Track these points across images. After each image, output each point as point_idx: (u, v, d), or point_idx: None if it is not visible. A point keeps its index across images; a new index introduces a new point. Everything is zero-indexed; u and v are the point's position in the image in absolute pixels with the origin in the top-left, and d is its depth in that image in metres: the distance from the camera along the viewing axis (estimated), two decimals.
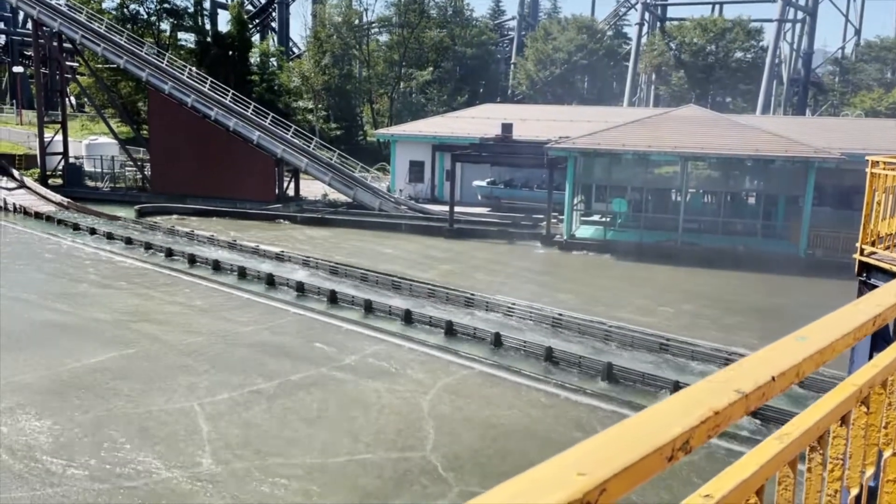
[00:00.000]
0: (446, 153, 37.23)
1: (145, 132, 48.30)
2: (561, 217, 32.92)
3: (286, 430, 12.94)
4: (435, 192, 42.06)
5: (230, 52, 60.75)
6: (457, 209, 34.44)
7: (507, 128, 35.93)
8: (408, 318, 19.58)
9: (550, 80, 68.97)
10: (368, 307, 20.63)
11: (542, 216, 34.05)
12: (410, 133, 43.03)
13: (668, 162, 31.88)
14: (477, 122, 42.35)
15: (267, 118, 42.84)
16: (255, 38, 71.51)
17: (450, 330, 18.68)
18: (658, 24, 72.96)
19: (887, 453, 1.82)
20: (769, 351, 1.14)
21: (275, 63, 65.29)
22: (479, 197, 39.87)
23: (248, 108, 43.18)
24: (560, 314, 19.83)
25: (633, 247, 30.64)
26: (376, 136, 51.87)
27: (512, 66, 75.09)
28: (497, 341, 17.72)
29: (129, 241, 29.87)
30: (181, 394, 14.48)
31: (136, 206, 38.43)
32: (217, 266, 25.55)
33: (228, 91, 43.84)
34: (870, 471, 1.66)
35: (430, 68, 65.19)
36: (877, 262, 9.46)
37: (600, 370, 15.94)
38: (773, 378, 1.03)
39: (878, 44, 72.96)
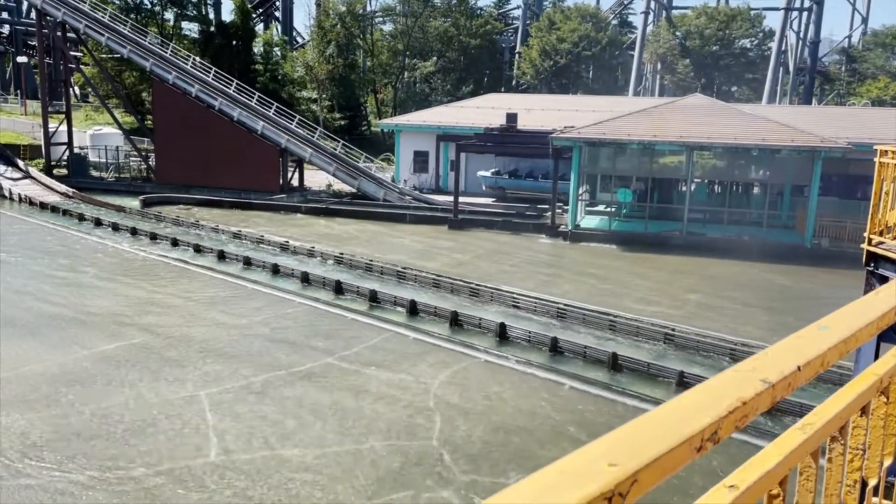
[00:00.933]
0: (451, 143, 37.15)
1: (149, 122, 48.29)
2: (566, 207, 32.86)
3: (292, 420, 12.98)
4: (439, 182, 42.01)
5: (234, 42, 60.65)
6: (461, 199, 34.40)
7: (511, 118, 35.82)
8: (413, 308, 19.59)
9: (555, 69, 68.68)
10: (374, 297, 20.65)
11: (546, 206, 34.00)
12: (415, 123, 42.95)
13: (674, 151, 31.77)
14: (482, 112, 42.23)
15: (271, 108, 42.78)
16: (259, 27, 71.36)
17: (455, 320, 18.69)
18: (663, 12, 72.54)
19: None
20: (793, 340, 1.13)
21: (278, 53, 65.14)
22: (484, 187, 39.81)
23: (252, 97, 43.11)
24: (565, 305, 19.82)
25: (638, 237, 30.61)
26: (380, 127, 51.80)
27: (517, 55, 74.78)
28: (502, 332, 17.73)
29: (134, 231, 29.92)
30: (187, 384, 14.54)
31: (141, 197, 38.47)
32: (222, 255, 25.61)
33: (232, 81, 43.78)
34: (888, 461, 1.65)
35: (435, 58, 65.00)
36: (885, 252, 9.42)
37: (605, 360, 15.95)
38: (799, 368, 1.02)
39: (884, 32, 72.39)
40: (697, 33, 67.52)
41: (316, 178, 43.40)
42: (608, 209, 34.11)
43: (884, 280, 9.22)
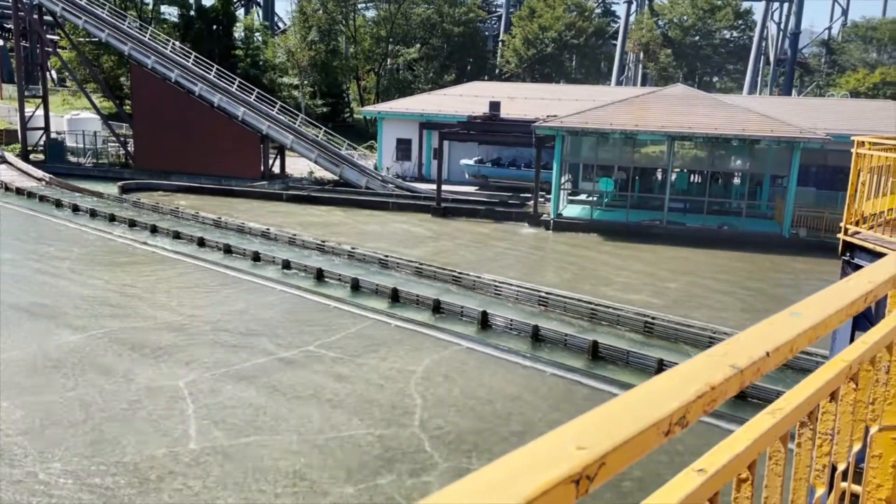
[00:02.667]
0: (434, 131, 37.06)
1: (128, 107, 47.67)
2: (548, 196, 32.94)
3: (272, 408, 12.96)
4: (422, 170, 41.92)
5: (214, 27, 59.90)
6: (444, 188, 34.36)
7: (494, 106, 35.78)
8: (395, 296, 19.59)
9: (539, 58, 68.63)
10: (355, 285, 20.61)
11: (529, 195, 34.07)
12: (397, 111, 42.77)
13: (655, 141, 31.93)
14: (465, 99, 42.14)
15: (252, 94, 42.39)
16: (240, 12, 70.55)
17: (437, 307, 18.72)
18: (647, 1, 72.66)
19: (874, 429, 1.84)
20: (765, 326, 1.15)
21: (260, 38, 64.49)
22: (467, 175, 39.80)
23: (233, 83, 42.67)
24: (547, 293, 19.91)
25: (620, 226, 30.78)
26: (363, 114, 51.54)
27: (500, 43, 74.59)
28: (484, 320, 17.79)
29: (112, 217, 29.59)
30: (165, 371, 14.45)
31: (120, 183, 38.01)
32: (202, 243, 25.42)
33: (213, 66, 43.28)
34: (857, 446, 1.67)
35: (418, 45, 64.64)
36: (860, 242, 9.55)
37: (586, 348, 16.06)
38: (768, 353, 1.03)
39: (863, 24, 73.09)
40: (679, 23, 67.77)
41: (297, 166, 43.14)
42: (590, 198, 34.24)
43: (859, 269, 9.36)
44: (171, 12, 65.82)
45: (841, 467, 1.58)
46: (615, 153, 32.72)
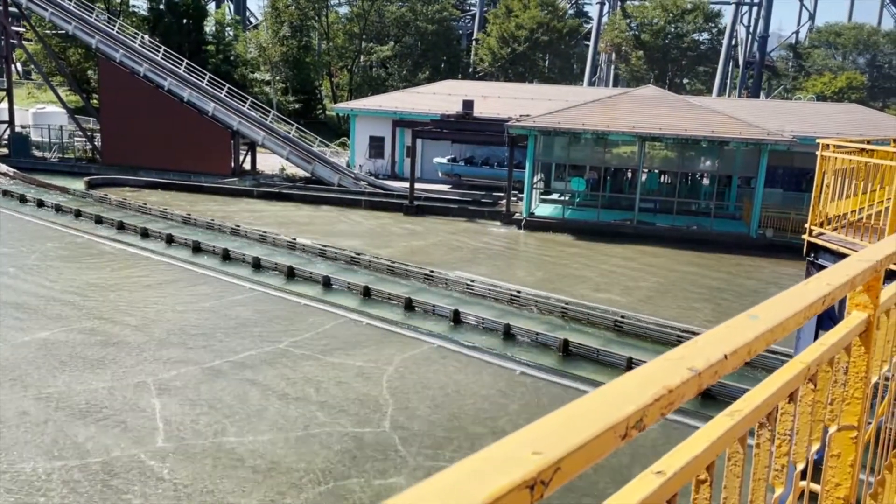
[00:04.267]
0: (407, 129, 37.02)
1: (95, 102, 46.83)
2: (521, 195, 33.08)
3: (243, 407, 12.84)
4: (395, 168, 41.82)
5: (184, 21, 59.08)
6: (417, 186, 34.32)
7: (468, 105, 35.82)
8: (367, 293, 19.52)
9: (512, 57, 68.85)
10: (327, 283, 20.50)
11: (502, 194, 34.18)
12: (370, 108, 42.60)
13: (626, 142, 32.22)
14: (438, 98, 42.12)
15: (222, 89, 41.91)
16: (211, 6, 69.69)
17: (409, 306, 18.70)
18: (619, 3, 73.29)
19: (832, 429, 1.88)
20: (722, 329, 1.16)
21: (231, 33, 63.76)
22: (440, 174, 39.79)
23: (203, 78, 42.16)
24: (518, 291, 20.00)
25: (591, 226, 31.02)
26: (336, 111, 51.30)
27: (474, 42, 74.69)
28: (456, 318, 17.81)
29: (78, 213, 29.05)
30: (133, 370, 14.23)
31: (86, 178, 37.33)
32: (171, 240, 25.08)
33: (182, 61, 42.71)
34: (815, 446, 1.70)
35: (391, 43, 64.48)
36: (824, 243, 9.74)
37: (557, 346, 16.16)
38: (726, 356, 1.04)
39: (828, 30, 74.55)
40: (651, 26, 68.49)
41: (269, 162, 42.78)
42: (562, 198, 34.46)
43: (823, 270, 9.54)
44: (140, 5, 65.09)
45: (800, 467, 1.60)
46: (587, 153, 32.95)
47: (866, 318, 1.86)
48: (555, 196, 35.55)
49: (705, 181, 35.65)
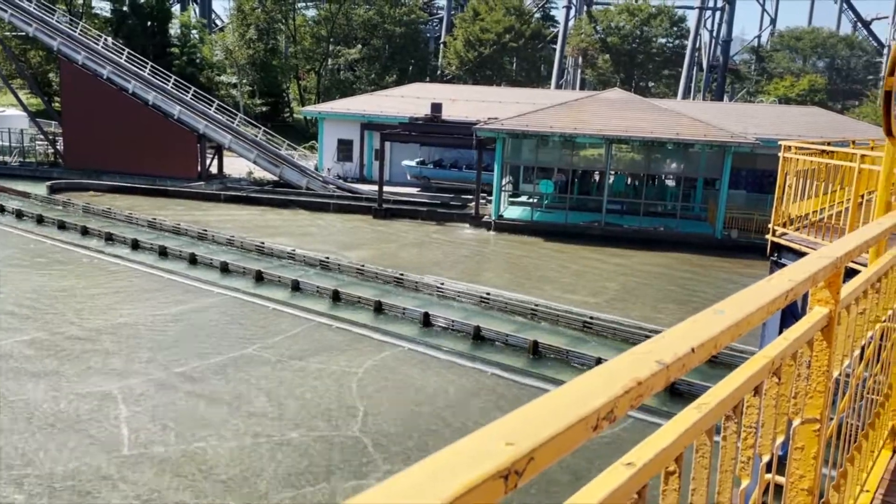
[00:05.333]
0: (375, 132, 36.92)
1: (57, 105, 45.91)
2: (490, 198, 33.20)
3: (210, 413, 12.68)
4: (364, 171, 41.68)
5: (148, 23, 58.31)
6: (386, 189, 34.26)
7: (436, 107, 35.87)
8: (336, 297, 19.42)
9: (480, 60, 69.13)
10: (296, 286, 20.35)
11: (471, 197, 34.27)
12: (338, 111, 42.40)
13: (593, 144, 32.54)
14: (406, 101, 42.11)
15: (188, 92, 41.39)
16: (176, 8, 68.84)
17: (379, 309, 18.65)
18: (585, 7, 74.04)
19: (796, 422, 1.92)
20: (689, 324, 1.18)
21: (196, 35, 63.03)
22: (409, 177, 39.77)
23: (169, 81, 41.60)
24: (488, 293, 20.06)
25: (559, 227, 31.25)
26: (303, 114, 50.99)
27: (441, 45, 74.83)
28: (426, 320, 17.80)
29: (40, 219, 28.43)
30: (99, 378, 13.97)
31: (48, 182, 36.56)
32: (136, 245, 24.68)
33: (147, 63, 42.10)
34: (780, 439, 1.74)
35: (359, 46, 64.29)
36: (787, 243, 9.95)
37: (526, 347, 16.25)
38: (693, 349, 1.06)
39: (788, 34, 76.20)
40: (616, 30, 69.32)
41: (236, 165, 42.34)
42: (531, 200, 34.66)
43: None
44: (103, 7, 63.82)
45: (765, 459, 1.64)
46: (555, 155, 33.20)
47: (828, 314, 1.91)
48: (523, 198, 35.75)
49: (671, 183, 36.15)
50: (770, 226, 10.33)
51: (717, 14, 75.38)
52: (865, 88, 71.57)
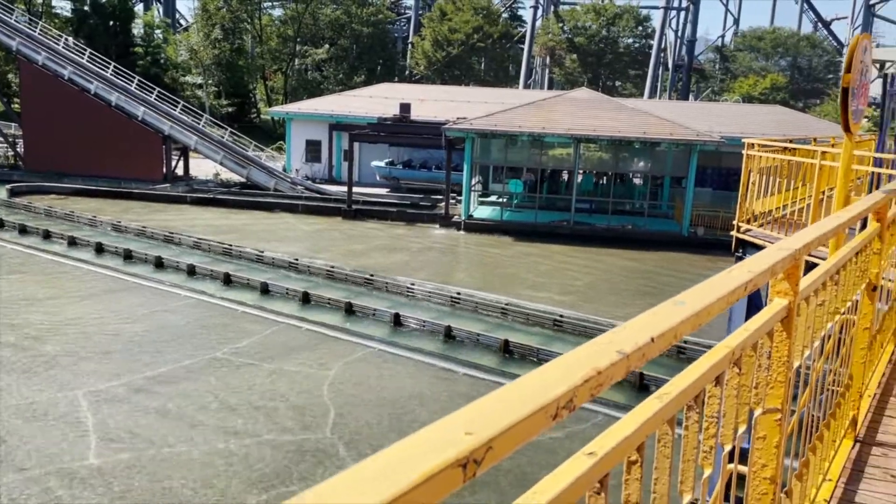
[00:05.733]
0: (344, 133, 36.74)
1: (17, 106, 44.89)
2: (460, 198, 33.24)
3: (179, 417, 12.50)
4: (333, 172, 41.47)
5: (111, 23, 57.31)
6: (355, 190, 34.12)
7: (405, 108, 35.82)
8: (306, 299, 19.28)
9: (448, 60, 69.21)
10: (265, 289, 20.16)
11: (440, 197, 34.28)
12: (306, 111, 42.12)
13: (562, 143, 32.77)
14: (375, 101, 42.00)
15: (152, 93, 40.78)
16: (139, 7, 67.77)
17: (349, 310, 18.56)
18: (552, 7, 74.54)
19: (757, 412, 1.96)
20: (650, 315, 1.19)
21: (160, 35, 62.11)
22: (378, 177, 39.65)
23: (132, 82, 40.95)
24: (458, 293, 20.09)
25: (529, 227, 31.41)
26: (271, 114, 50.53)
27: (409, 45, 74.75)
28: (397, 321, 17.77)
29: (0, 223, 27.76)
30: (64, 384, 13.68)
31: (8, 186, 35.72)
32: (101, 249, 24.24)
33: (109, 63, 41.38)
34: (742, 428, 1.77)
35: (327, 46, 63.93)
36: (751, 239, 10.12)
37: (497, 346, 16.30)
38: (653, 339, 1.08)
39: (751, 34, 77.56)
40: (583, 29, 69.91)
41: (202, 167, 41.82)
42: (500, 200, 34.78)
43: None
44: (63, 6, 62.55)
45: (727, 448, 1.67)
46: (524, 155, 33.37)
47: (787, 305, 1.95)
48: (493, 198, 35.86)
49: (639, 181, 36.54)
50: (734, 222, 10.50)
51: (682, 14, 76.48)
52: (826, 87, 73.16)
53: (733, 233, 10.51)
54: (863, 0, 76.33)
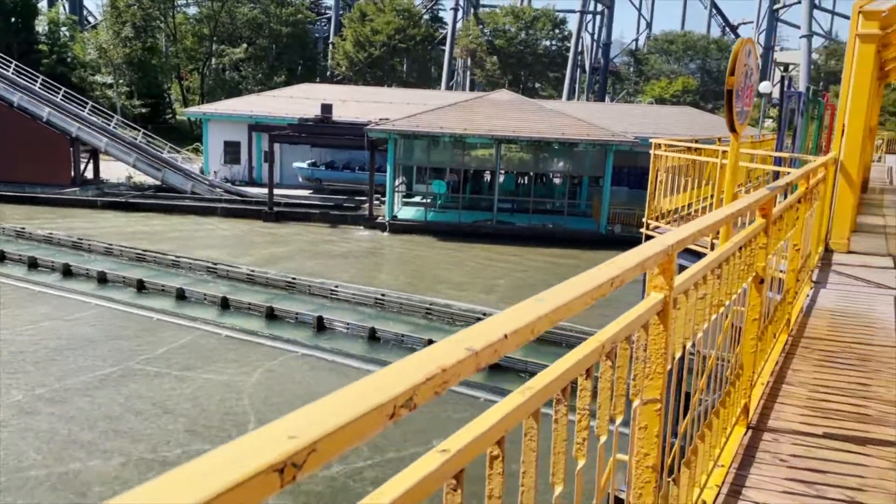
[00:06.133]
0: (264, 133, 36.01)
1: None
2: (384, 199, 33.13)
3: (93, 430, 11.97)
4: (253, 173, 40.59)
5: (11, 19, 54.38)
6: (277, 192, 33.53)
7: (326, 108, 35.42)
8: (225, 304, 18.82)
9: (370, 61, 68.87)
10: (181, 295, 19.55)
11: (364, 198, 34.07)
12: (224, 112, 41.06)
13: (484, 144, 33.12)
14: (296, 101, 41.36)
15: (58, 93, 38.93)
16: (43, 4, 64.57)
17: (270, 314, 18.22)
18: (472, 10, 75.26)
19: (636, 403, 2.03)
20: (510, 312, 1.22)
21: (67, 33, 59.36)
22: (300, 179, 39.07)
23: (36, 81, 38.98)
24: (383, 294, 20.02)
25: (453, 227, 31.60)
26: (187, 115, 49.07)
27: (330, 46, 73.98)
28: (320, 324, 17.55)
29: None
30: None
31: None
32: (2, 257, 22.97)
33: (11, 62, 39.29)
34: (619, 419, 1.83)
35: (245, 45, 62.54)
36: (659, 235, 10.48)
37: (421, 346, 16.33)
38: (506, 336, 1.10)
39: (663, 38, 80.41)
40: (503, 32, 70.88)
41: (114, 170, 40.20)
42: (424, 200, 34.85)
43: None
44: None
45: (602, 439, 1.72)
46: (446, 156, 33.55)
47: (662, 299, 2.03)
48: (417, 199, 35.90)
49: (558, 181, 37.30)
50: (644, 219, 10.86)
51: (598, 18, 78.56)
52: None
53: (643, 230, 10.86)
54: (767, 5, 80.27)
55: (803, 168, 5.56)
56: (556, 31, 73.15)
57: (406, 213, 33.80)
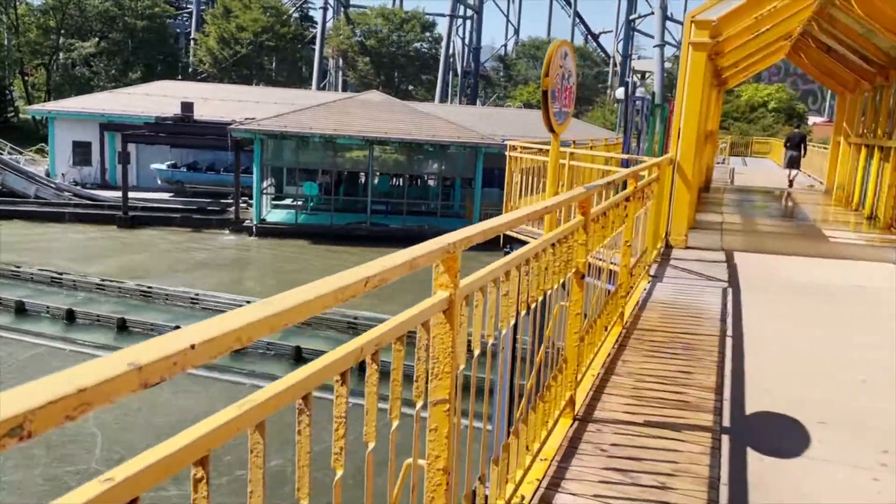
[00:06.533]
0: (117, 133, 33.88)
1: None
2: (251, 201, 32.06)
3: None
4: (106, 176, 38.09)
5: None
6: (134, 195, 31.66)
7: (187, 107, 33.84)
8: (71, 317, 17.49)
9: (236, 59, 66.57)
10: (20, 308, 17.98)
11: (231, 201, 32.83)
12: (73, 110, 38.29)
13: (357, 146, 32.81)
14: (153, 99, 39.26)
15: None
16: None
17: (122, 327, 17.13)
18: (342, 9, 74.53)
19: (419, 403, 1.97)
20: (232, 315, 1.11)
21: None
22: (160, 181, 37.11)
23: None
24: (248, 301, 19.33)
25: (326, 230, 31.07)
26: (31, 113, 45.46)
27: (192, 42, 70.86)
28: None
29: None
30: None
31: None
32: None
33: None
34: (396, 423, 1.77)
35: (96, 39, 58.68)
36: (516, 235, 10.75)
37: (290, 353, 15.94)
38: (193, 346, 0.99)
39: (530, 43, 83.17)
40: (374, 33, 70.71)
41: None
42: (295, 203, 34.06)
43: None
44: None
45: (371, 446, 1.64)
46: (317, 157, 32.94)
47: (448, 297, 1.99)
48: (287, 201, 35.02)
49: (432, 183, 37.59)
50: None
51: (468, 22, 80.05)
52: (595, 95, 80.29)
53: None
54: (624, 16, 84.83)
55: (631, 168, 5.82)
56: (427, 33, 73.82)
57: (276, 215, 32.89)
